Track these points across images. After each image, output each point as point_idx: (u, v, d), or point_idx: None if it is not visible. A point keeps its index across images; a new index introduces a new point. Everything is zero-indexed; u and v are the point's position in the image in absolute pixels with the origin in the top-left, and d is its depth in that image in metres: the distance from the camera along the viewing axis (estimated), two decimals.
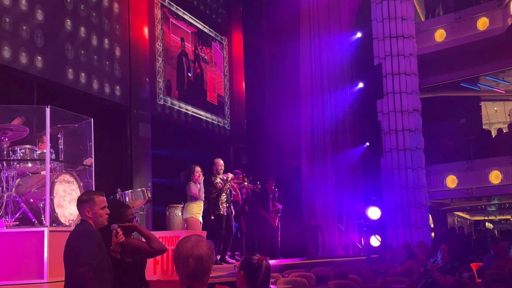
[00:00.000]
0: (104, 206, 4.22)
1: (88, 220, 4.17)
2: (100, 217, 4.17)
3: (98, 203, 4.20)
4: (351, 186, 17.25)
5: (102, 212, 4.19)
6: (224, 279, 6.08)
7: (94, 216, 4.17)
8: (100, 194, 4.32)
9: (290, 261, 11.95)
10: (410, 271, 9.38)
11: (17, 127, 6.89)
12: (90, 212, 4.17)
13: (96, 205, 4.19)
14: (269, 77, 17.62)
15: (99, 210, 4.18)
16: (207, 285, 2.87)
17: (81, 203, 4.26)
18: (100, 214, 4.18)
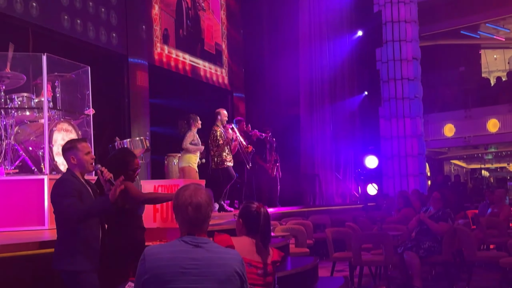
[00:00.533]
0: (88, 152, 4.22)
1: (74, 168, 4.18)
2: (85, 163, 4.18)
3: (81, 149, 4.19)
4: (349, 135, 17.30)
5: (87, 158, 4.19)
6: (223, 226, 6.17)
7: (79, 163, 4.18)
8: (82, 141, 4.35)
9: (287, 209, 12.10)
10: (406, 219, 9.52)
11: (14, 75, 6.84)
12: (75, 159, 4.18)
13: (79, 151, 4.19)
14: (267, 25, 17.40)
15: (83, 156, 4.18)
16: (206, 233, 2.92)
17: (65, 151, 4.26)
18: (85, 160, 4.18)
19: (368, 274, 8.50)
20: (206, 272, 2.74)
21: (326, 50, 16.77)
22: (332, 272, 8.43)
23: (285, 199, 13.55)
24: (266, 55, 17.07)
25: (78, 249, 3.98)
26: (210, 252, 2.80)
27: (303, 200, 15.55)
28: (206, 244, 2.83)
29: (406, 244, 7.97)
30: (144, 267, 2.74)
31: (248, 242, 3.46)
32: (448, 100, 23.11)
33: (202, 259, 2.76)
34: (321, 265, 8.07)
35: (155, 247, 2.84)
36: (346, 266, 8.87)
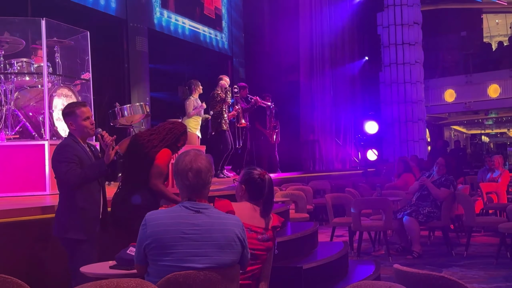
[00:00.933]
0: (87, 117, 4.13)
1: (74, 132, 4.14)
2: (84, 128, 4.12)
3: (79, 115, 4.11)
4: (349, 101, 17.27)
5: (85, 123, 4.11)
6: (223, 192, 6.19)
7: (78, 128, 4.12)
8: (81, 105, 4.20)
9: (287, 175, 12.14)
10: (406, 184, 9.57)
11: (13, 40, 6.79)
12: (74, 125, 4.13)
13: (78, 117, 4.11)
14: None
15: (81, 122, 4.11)
16: (207, 198, 2.94)
17: (64, 116, 4.21)
18: (84, 125, 4.11)
19: (367, 239, 8.58)
20: (207, 237, 2.77)
21: (326, 15, 16.61)
22: (331, 237, 8.51)
23: (285, 165, 13.58)
24: (266, 20, 16.90)
25: (76, 217, 3.98)
26: (210, 217, 2.82)
27: (303, 166, 15.59)
28: (207, 209, 2.85)
29: (405, 209, 8.03)
30: (145, 232, 2.77)
31: (249, 207, 3.48)
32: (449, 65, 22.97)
33: (202, 224, 2.78)
34: (321, 230, 8.15)
35: (155, 213, 2.86)
36: (345, 232, 8.96)
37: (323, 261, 5.08)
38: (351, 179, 13.04)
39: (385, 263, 6.97)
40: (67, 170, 3.94)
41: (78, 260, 3.91)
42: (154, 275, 2.76)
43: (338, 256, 5.34)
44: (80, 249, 3.97)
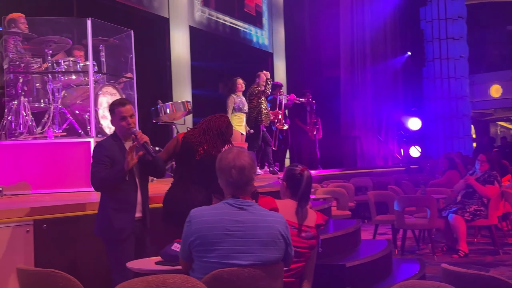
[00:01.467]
0: (123, 116, 4.08)
1: (117, 130, 4.17)
2: (122, 128, 4.10)
3: (117, 114, 4.10)
4: (391, 97, 17.07)
5: (122, 123, 4.08)
6: (266, 189, 6.21)
7: (116, 128, 4.16)
8: (121, 105, 4.14)
9: (329, 171, 12.10)
10: (451, 181, 9.39)
11: (60, 39, 6.94)
12: (113, 123, 4.20)
13: (115, 116, 4.11)
14: None
15: (118, 122, 4.10)
16: (250, 194, 2.95)
17: (109, 113, 4.26)
18: (121, 125, 4.09)
19: (411, 237, 8.47)
20: (251, 234, 2.78)
21: (368, 9, 16.44)
22: (374, 235, 8.44)
23: (327, 161, 13.52)
24: (306, 15, 16.84)
25: (108, 217, 4.02)
26: (254, 214, 2.84)
27: (344, 163, 15.50)
28: (250, 206, 2.86)
29: (451, 207, 7.89)
30: (190, 229, 2.80)
31: (291, 205, 3.48)
32: (495, 60, 22.47)
33: (246, 221, 2.80)
34: (363, 228, 8.08)
35: (200, 209, 2.88)
36: (388, 229, 8.86)
37: (366, 259, 5.03)
38: (393, 176, 12.89)
39: (430, 262, 6.88)
40: (94, 172, 3.98)
41: (112, 258, 4.02)
42: (198, 272, 2.79)
43: (381, 254, 5.29)
44: (114, 248, 4.04)
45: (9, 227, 3.98)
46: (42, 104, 6.84)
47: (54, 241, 4.20)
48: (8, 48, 6.79)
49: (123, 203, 4.06)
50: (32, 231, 4.07)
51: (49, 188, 6.11)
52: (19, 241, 4.01)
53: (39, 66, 6.88)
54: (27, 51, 6.92)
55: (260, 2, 15.72)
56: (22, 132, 6.47)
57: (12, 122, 6.49)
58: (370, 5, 16.50)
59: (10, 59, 6.69)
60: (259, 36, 15.61)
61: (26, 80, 6.70)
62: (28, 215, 4.12)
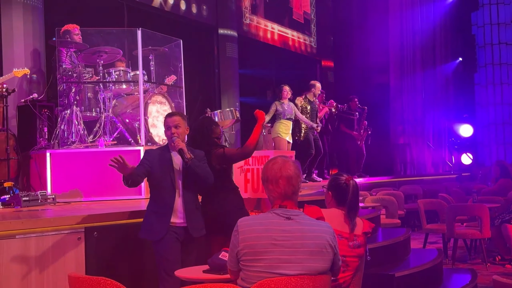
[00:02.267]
0: (169, 126, 4.29)
1: None
2: (168, 138, 4.34)
3: (164, 124, 4.41)
4: (442, 103, 16.77)
5: (167, 133, 4.33)
6: (312, 197, 6.18)
7: (166, 138, 4.41)
8: (168, 115, 4.43)
9: (378, 179, 11.95)
10: (504, 189, 9.15)
11: (111, 50, 7.10)
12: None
13: (164, 126, 4.41)
14: None
15: (166, 131, 4.37)
16: (297, 204, 2.95)
17: None
18: (167, 135, 4.36)
19: (462, 246, 8.29)
20: (298, 244, 2.77)
21: (417, 15, 16.22)
22: (424, 244, 8.29)
23: (375, 168, 13.35)
24: (355, 22, 16.73)
25: (148, 219, 4.20)
26: (301, 224, 2.82)
27: (393, 170, 15.29)
28: (297, 216, 2.85)
29: (504, 216, 7.68)
30: (237, 238, 2.81)
31: (338, 214, 3.45)
32: None
33: (293, 231, 2.78)
34: (413, 236, 7.95)
35: (247, 219, 2.89)
36: (439, 238, 8.69)
37: (416, 268, 4.96)
38: (444, 184, 12.65)
39: (482, 272, 6.72)
40: None
41: (156, 261, 4.15)
42: (246, 281, 2.79)
43: (432, 264, 5.20)
44: (155, 249, 4.16)
45: (61, 234, 4.08)
46: (94, 113, 7.01)
47: (104, 248, 4.29)
48: (61, 58, 6.98)
49: (159, 206, 4.20)
50: (83, 239, 4.17)
51: (100, 196, 6.24)
52: (70, 248, 4.11)
53: (91, 76, 7.05)
54: (79, 62, 7.11)
55: (308, 10, 15.72)
56: (74, 141, 6.63)
57: (65, 131, 6.66)
58: (420, 10, 16.28)
59: (63, 70, 6.88)
60: (307, 43, 15.60)
61: (78, 89, 6.88)
62: (79, 222, 4.22)
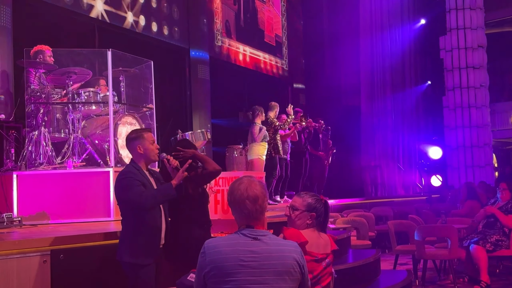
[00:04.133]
0: (153, 141, 4.26)
1: (139, 158, 4.21)
2: (152, 152, 4.21)
3: (147, 138, 4.22)
4: (412, 125, 17.00)
5: (152, 147, 4.21)
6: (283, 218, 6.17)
7: (145, 152, 4.20)
8: (147, 130, 4.34)
9: (349, 201, 12.00)
10: (471, 211, 9.27)
11: (81, 71, 7.05)
12: (142, 149, 4.20)
13: (146, 140, 4.21)
14: (327, 14, 17.25)
15: (149, 145, 4.21)
16: (264, 224, 2.93)
17: (131, 140, 4.27)
18: (151, 149, 4.21)
19: (432, 267, 8.34)
20: (265, 264, 2.75)
21: (387, 39, 16.50)
22: (394, 265, 8.33)
23: (346, 190, 13.42)
24: (326, 45, 16.95)
25: (140, 242, 4.05)
26: (268, 244, 2.81)
27: (364, 192, 15.39)
28: (265, 236, 2.84)
29: (472, 237, 7.77)
30: (204, 259, 2.78)
31: (315, 236, 3.46)
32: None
33: (260, 252, 2.77)
34: (384, 258, 7.99)
35: (214, 240, 2.87)
36: (409, 259, 8.73)
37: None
38: (414, 205, 12.75)
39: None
40: (139, 192, 4.02)
41: (136, 285, 4.01)
42: None
43: (401, 285, 5.23)
44: (138, 274, 4.03)
45: (26, 257, 4.00)
46: (62, 134, 6.93)
47: (71, 271, 4.21)
48: (30, 79, 6.91)
49: (152, 228, 4.10)
50: (49, 261, 4.09)
51: (68, 218, 6.15)
52: (36, 271, 4.02)
53: (60, 97, 6.99)
54: (48, 82, 7.04)
55: (280, 33, 15.88)
56: (42, 162, 6.54)
57: (32, 152, 6.57)
58: (390, 34, 16.56)
59: (32, 90, 6.81)
60: (279, 66, 15.72)
61: (47, 110, 6.80)
62: (45, 245, 4.14)
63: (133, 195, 4.02)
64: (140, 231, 4.08)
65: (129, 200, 4.06)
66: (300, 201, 3.58)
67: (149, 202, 4.03)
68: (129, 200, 4.06)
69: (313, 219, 3.50)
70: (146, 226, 4.09)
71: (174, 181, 4.11)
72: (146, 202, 4.02)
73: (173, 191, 4.09)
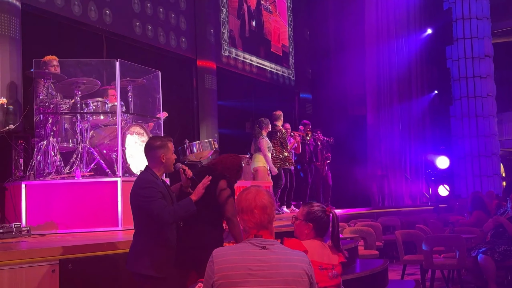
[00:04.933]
0: (174, 151, 4.28)
1: (158, 166, 4.15)
2: (172, 162, 4.21)
3: (171, 148, 4.21)
4: (419, 135, 16.97)
5: (173, 157, 4.22)
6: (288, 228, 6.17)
7: (167, 162, 4.18)
8: (169, 140, 4.30)
9: (356, 210, 11.98)
10: (479, 221, 9.23)
11: (89, 81, 7.10)
12: (165, 158, 4.16)
13: (169, 150, 4.20)
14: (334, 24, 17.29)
15: (171, 155, 4.20)
16: (272, 233, 2.94)
17: (156, 148, 4.18)
18: (172, 159, 4.21)
19: (440, 277, 8.30)
20: (274, 273, 2.76)
21: (394, 48, 16.51)
22: (402, 275, 8.30)
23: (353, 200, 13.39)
24: (332, 55, 16.97)
25: (153, 254, 4.00)
26: (276, 253, 2.82)
27: (371, 201, 15.35)
28: (273, 245, 2.84)
29: (480, 247, 7.74)
30: (212, 269, 2.79)
31: (318, 245, 3.46)
32: None
33: (268, 261, 2.78)
34: (391, 268, 7.96)
35: (222, 249, 2.88)
36: (417, 269, 8.71)
37: None
38: (422, 215, 12.72)
39: None
40: (164, 207, 3.96)
41: None
42: None
43: None
44: (154, 285, 3.99)
45: (35, 267, 4.02)
46: (71, 144, 6.96)
47: (79, 280, 4.22)
48: (38, 89, 6.96)
49: (165, 239, 4.06)
50: (57, 271, 4.10)
51: (76, 228, 6.17)
52: (44, 281, 4.04)
53: (68, 107, 7.03)
54: (57, 93, 7.09)
55: (286, 42, 15.92)
56: (50, 172, 6.57)
57: (41, 162, 6.61)
58: (396, 43, 16.57)
59: (40, 100, 6.85)
60: (286, 76, 15.75)
61: (55, 120, 6.84)
62: (53, 254, 4.16)
63: (156, 209, 3.94)
64: (156, 242, 4.02)
65: (151, 213, 3.96)
66: (301, 210, 3.61)
67: (171, 217, 3.98)
68: (151, 213, 3.96)
69: (311, 229, 3.50)
70: (162, 237, 4.05)
71: (193, 197, 4.07)
72: (169, 217, 3.96)
73: (194, 206, 4.05)
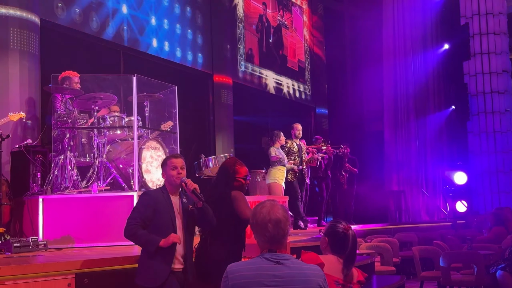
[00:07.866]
0: (174, 166, 4.31)
1: (166, 182, 4.39)
2: (171, 177, 4.30)
3: (168, 165, 4.34)
4: (436, 151, 16.87)
5: (172, 173, 4.29)
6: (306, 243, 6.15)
7: (166, 177, 4.36)
8: (173, 156, 4.44)
9: (373, 226, 11.90)
10: (498, 237, 9.12)
11: (106, 96, 7.17)
12: (165, 175, 4.37)
13: (167, 166, 4.34)
14: (350, 40, 17.33)
15: (169, 171, 4.30)
16: (287, 248, 2.93)
17: (161, 167, 4.52)
18: (171, 175, 4.30)
19: None
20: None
21: (411, 64, 16.49)
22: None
23: (370, 216, 13.32)
24: (349, 70, 16.99)
25: (146, 265, 4.13)
26: (291, 268, 2.80)
27: (388, 217, 15.25)
28: (287, 260, 2.83)
29: (498, 263, 7.63)
30: (227, 284, 2.78)
31: (335, 260, 3.44)
32: None
33: (283, 276, 2.76)
34: (408, 284, 7.89)
35: (237, 264, 2.87)
36: (434, 286, 8.61)
37: None
38: (439, 231, 12.58)
39: None
40: (130, 219, 4.15)
41: None
42: None
43: None
44: None
45: (51, 281, 4.05)
46: (88, 159, 7.02)
47: None
48: (56, 104, 7.04)
49: (162, 253, 4.11)
50: (73, 285, 4.12)
51: (93, 242, 6.20)
52: None
53: (85, 122, 7.10)
54: (74, 107, 7.16)
55: (302, 58, 15.97)
56: (67, 186, 6.63)
57: (58, 176, 6.66)
58: (413, 59, 16.56)
59: (58, 115, 6.93)
60: (302, 91, 15.78)
61: (73, 135, 6.91)
62: (70, 268, 4.19)
63: (129, 216, 4.19)
64: (148, 253, 4.13)
65: None
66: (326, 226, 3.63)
67: (128, 233, 4.13)
68: None
69: (327, 244, 3.51)
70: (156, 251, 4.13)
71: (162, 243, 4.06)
72: (126, 231, 4.13)
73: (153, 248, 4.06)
